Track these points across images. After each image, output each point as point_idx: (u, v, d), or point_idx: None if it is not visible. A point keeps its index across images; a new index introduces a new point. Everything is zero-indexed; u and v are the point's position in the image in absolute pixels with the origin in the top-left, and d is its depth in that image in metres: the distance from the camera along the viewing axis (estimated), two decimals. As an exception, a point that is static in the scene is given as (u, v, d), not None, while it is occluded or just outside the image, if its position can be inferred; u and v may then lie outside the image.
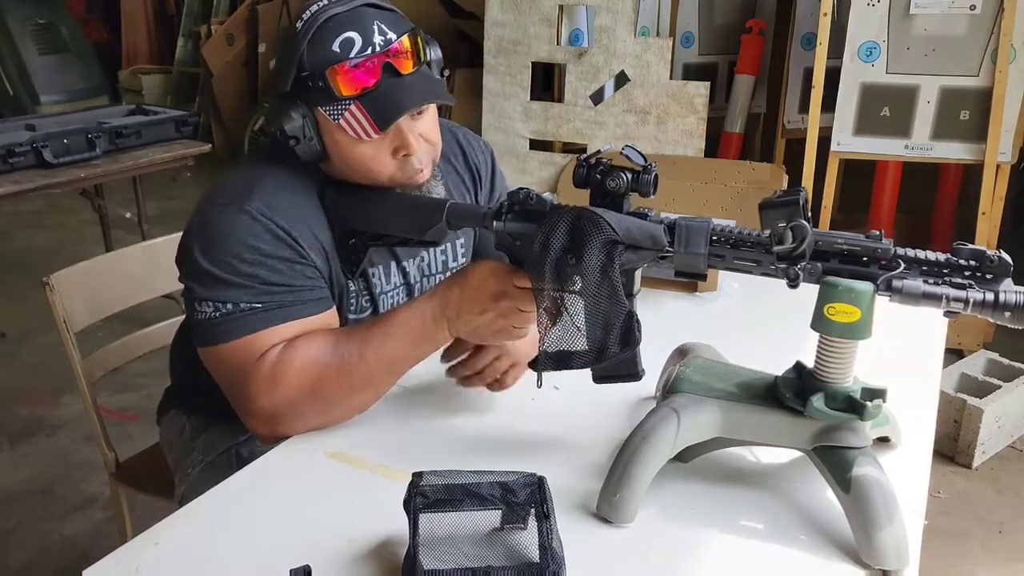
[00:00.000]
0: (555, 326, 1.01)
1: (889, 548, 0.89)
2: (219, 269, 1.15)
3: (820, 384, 0.96)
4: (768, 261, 0.96)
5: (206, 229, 1.18)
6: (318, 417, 1.17)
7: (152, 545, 0.96)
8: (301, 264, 1.18)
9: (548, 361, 1.03)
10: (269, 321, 1.16)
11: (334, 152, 1.19)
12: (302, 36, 1.13)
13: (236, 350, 1.15)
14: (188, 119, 3.41)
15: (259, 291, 1.15)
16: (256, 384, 1.14)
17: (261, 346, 1.15)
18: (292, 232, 1.17)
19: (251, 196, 1.18)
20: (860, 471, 0.93)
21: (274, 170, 1.22)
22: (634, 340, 1.00)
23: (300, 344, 1.15)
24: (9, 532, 2.35)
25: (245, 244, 1.15)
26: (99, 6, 7.43)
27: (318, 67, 1.13)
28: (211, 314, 1.16)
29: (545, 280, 1.01)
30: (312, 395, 1.14)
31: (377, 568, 0.91)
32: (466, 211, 1.17)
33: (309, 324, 1.18)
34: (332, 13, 1.13)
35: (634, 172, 1.03)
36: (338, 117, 1.14)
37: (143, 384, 2.93)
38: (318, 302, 1.20)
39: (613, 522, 0.98)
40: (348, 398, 1.17)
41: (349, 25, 1.13)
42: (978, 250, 0.88)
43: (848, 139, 3.24)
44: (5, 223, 4.78)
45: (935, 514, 2.39)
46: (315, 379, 1.14)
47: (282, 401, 1.14)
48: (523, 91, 3.83)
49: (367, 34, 1.13)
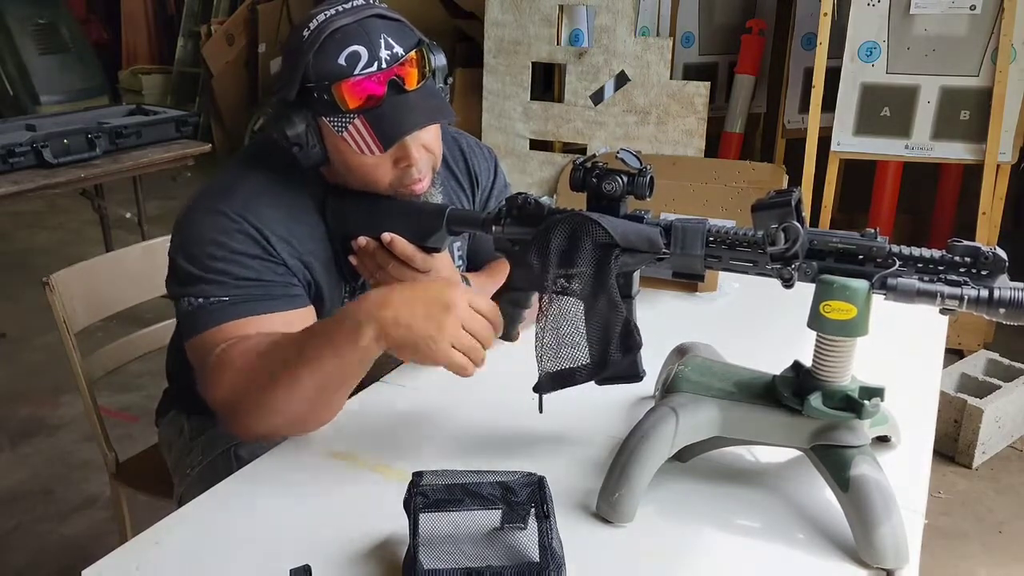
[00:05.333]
0: (553, 338, 1.01)
1: (888, 547, 0.89)
2: (193, 266, 1.17)
3: (818, 383, 0.96)
4: (764, 261, 0.96)
5: (184, 229, 1.21)
6: (256, 418, 1.10)
7: (152, 545, 0.96)
8: (271, 262, 1.19)
9: (549, 382, 1.04)
10: (234, 314, 1.15)
11: (336, 159, 1.20)
12: (308, 46, 1.12)
13: (201, 342, 1.16)
14: (188, 119, 3.41)
15: (228, 286, 1.17)
16: (205, 376, 1.15)
17: (222, 339, 1.14)
18: (264, 231, 1.19)
19: (230, 198, 1.20)
20: (858, 470, 0.93)
21: (257, 173, 1.24)
22: (635, 345, 1.01)
23: (246, 340, 1.13)
24: (9, 532, 2.35)
25: (217, 242, 1.17)
26: (99, 6, 7.44)
27: (323, 79, 1.13)
28: (186, 308, 1.18)
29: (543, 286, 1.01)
30: (244, 393, 1.09)
31: (377, 568, 0.91)
32: (466, 217, 1.18)
33: (275, 319, 1.16)
34: (339, 24, 1.12)
35: (629, 175, 1.04)
36: (342, 130, 1.15)
37: (143, 384, 2.94)
38: (288, 299, 1.20)
39: (612, 521, 0.98)
40: (274, 402, 1.08)
41: (356, 38, 1.12)
42: (973, 247, 0.88)
43: (848, 139, 3.24)
44: (5, 223, 4.78)
45: (935, 514, 2.39)
46: (246, 378, 1.09)
47: (224, 397, 1.12)
48: (523, 91, 3.83)
49: (374, 49, 1.13)
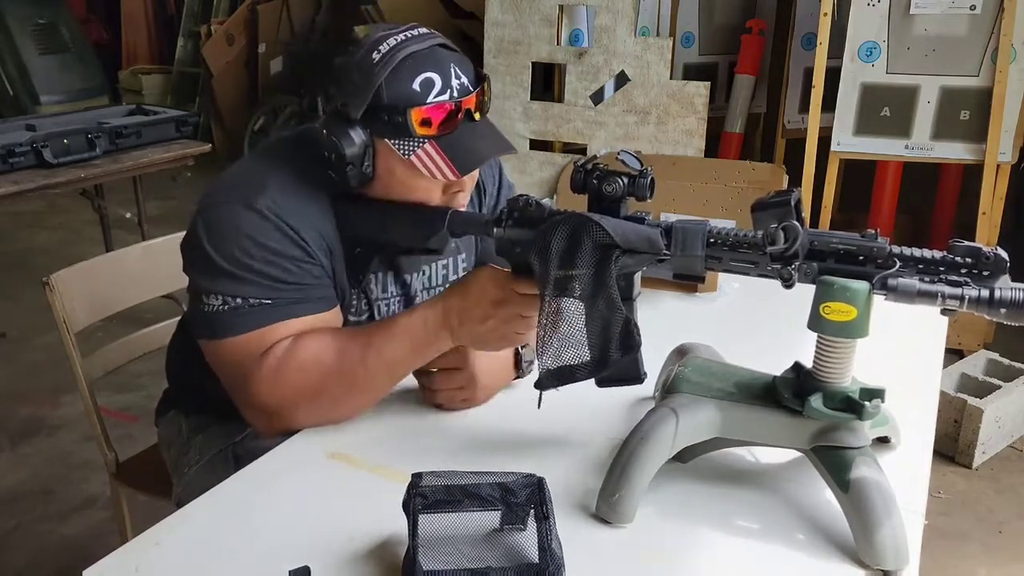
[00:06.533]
0: (554, 338, 1.02)
1: (888, 548, 0.89)
2: (229, 264, 1.16)
3: (818, 384, 0.96)
4: (765, 262, 0.96)
5: (215, 223, 1.18)
6: (316, 416, 1.18)
7: (152, 545, 0.96)
8: (308, 263, 1.19)
9: (550, 379, 1.04)
10: (277, 317, 1.17)
11: (386, 179, 1.20)
12: (381, 68, 1.13)
13: (243, 344, 1.16)
14: (188, 119, 3.41)
15: (268, 287, 1.16)
16: (259, 379, 1.15)
17: (267, 341, 1.16)
18: (300, 232, 1.18)
19: (261, 193, 1.18)
20: (859, 471, 0.93)
21: (283, 169, 1.23)
22: (635, 344, 1.01)
23: (304, 342, 1.16)
24: (9, 532, 2.35)
25: (255, 241, 1.16)
26: (99, 6, 7.44)
27: (398, 102, 1.13)
28: (219, 307, 1.17)
29: (544, 287, 1.01)
30: (312, 394, 1.16)
31: (377, 568, 0.91)
32: (467, 219, 1.19)
33: (315, 321, 1.19)
34: (411, 50, 1.14)
35: (630, 177, 1.04)
36: (410, 153, 1.15)
37: (143, 384, 2.93)
38: (324, 300, 1.22)
39: (612, 522, 0.98)
40: (346, 400, 1.18)
41: (429, 65, 1.14)
42: (974, 247, 0.88)
43: (848, 139, 3.24)
44: (5, 223, 4.78)
45: (935, 514, 2.40)
46: (316, 379, 1.15)
47: (282, 398, 1.16)
48: (523, 91, 3.83)
49: (446, 76, 1.15)
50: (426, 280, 1.38)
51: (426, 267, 1.38)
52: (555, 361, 1.03)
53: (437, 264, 1.39)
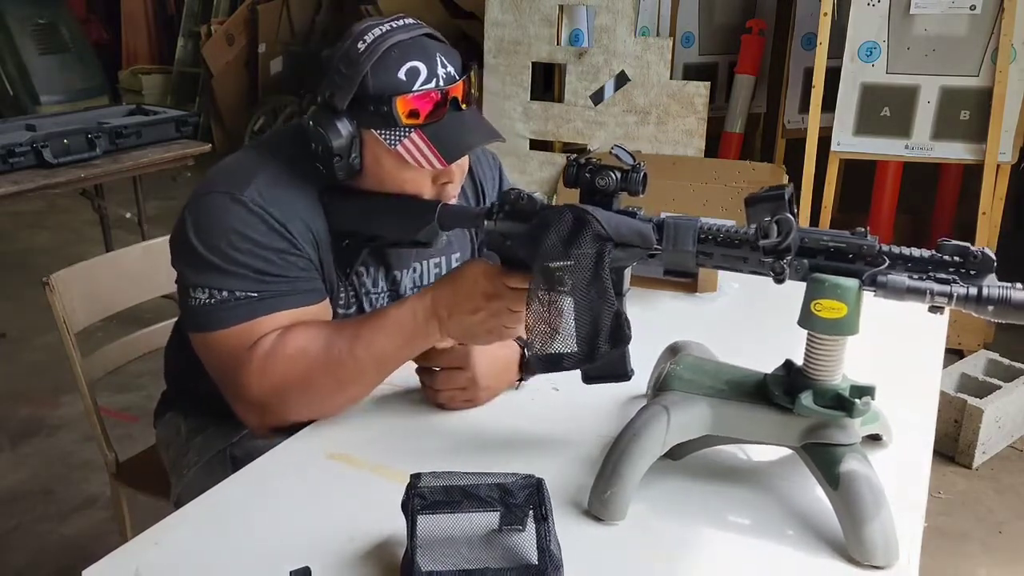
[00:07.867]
0: (545, 326, 1.02)
1: (878, 544, 0.90)
2: (215, 256, 1.16)
3: (809, 381, 0.96)
4: (755, 258, 0.96)
5: (201, 216, 1.19)
6: (306, 409, 1.18)
7: (152, 545, 0.96)
8: (294, 255, 1.19)
9: (539, 363, 1.03)
10: (264, 310, 1.17)
11: (374, 171, 1.20)
12: (366, 58, 1.13)
13: (229, 337, 1.17)
14: (188, 119, 3.41)
15: (254, 280, 1.16)
16: (248, 372, 1.15)
17: (254, 334, 1.16)
18: (287, 224, 1.18)
19: (248, 185, 1.18)
20: (848, 467, 0.93)
21: (273, 162, 1.23)
22: (624, 338, 1.00)
23: (292, 335, 1.16)
24: (9, 532, 2.36)
25: (240, 234, 1.16)
26: (99, 6, 7.45)
27: (383, 92, 1.13)
28: (205, 300, 1.17)
29: (535, 278, 1.01)
30: (301, 386, 1.16)
31: (377, 568, 0.92)
32: (458, 212, 1.19)
33: (303, 314, 1.19)
34: (396, 40, 1.14)
35: (623, 171, 1.04)
36: (396, 143, 1.15)
37: (143, 384, 2.94)
38: (312, 293, 1.21)
39: (604, 519, 0.98)
40: (336, 392, 1.17)
41: (414, 54, 1.14)
42: (962, 246, 0.89)
43: (848, 139, 3.24)
44: (5, 223, 4.79)
45: (935, 514, 2.39)
46: (304, 371, 1.15)
47: (271, 390, 1.15)
48: (523, 91, 3.83)
49: (432, 65, 1.15)
50: (417, 278, 1.38)
51: (417, 264, 1.37)
52: (543, 349, 1.02)
53: (429, 262, 1.39)
